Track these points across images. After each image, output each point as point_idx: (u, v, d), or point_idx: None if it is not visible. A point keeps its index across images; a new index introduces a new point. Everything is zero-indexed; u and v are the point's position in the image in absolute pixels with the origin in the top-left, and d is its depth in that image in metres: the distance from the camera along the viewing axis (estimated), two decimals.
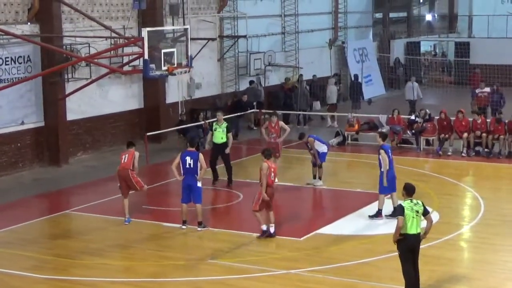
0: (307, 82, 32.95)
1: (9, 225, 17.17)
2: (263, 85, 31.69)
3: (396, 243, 12.15)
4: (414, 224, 12.02)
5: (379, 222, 16.93)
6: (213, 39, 29.06)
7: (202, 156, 16.69)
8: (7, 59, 22.10)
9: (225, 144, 20.45)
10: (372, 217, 17.16)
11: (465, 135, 24.13)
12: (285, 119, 29.11)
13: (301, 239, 15.94)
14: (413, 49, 41.40)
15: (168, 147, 25.84)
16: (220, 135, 20.47)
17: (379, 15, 43.17)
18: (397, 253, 12.25)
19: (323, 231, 16.50)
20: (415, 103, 30.74)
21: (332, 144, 24.93)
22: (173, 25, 27.02)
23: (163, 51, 20.39)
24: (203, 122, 26.03)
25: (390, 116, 26.09)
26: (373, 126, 26.74)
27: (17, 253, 15.32)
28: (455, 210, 18.40)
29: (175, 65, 20.66)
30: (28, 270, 14.24)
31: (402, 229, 12.00)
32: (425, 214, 12.21)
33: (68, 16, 23.83)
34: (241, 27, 30.93)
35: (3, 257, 15.12)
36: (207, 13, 29.75)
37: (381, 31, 42.26)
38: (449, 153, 24.25)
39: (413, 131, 25.47)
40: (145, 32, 19.97)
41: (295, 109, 31.03)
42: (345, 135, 26.70)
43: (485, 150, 23.98)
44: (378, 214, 17.10)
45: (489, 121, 24.45)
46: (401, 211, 12.05)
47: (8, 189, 20.91)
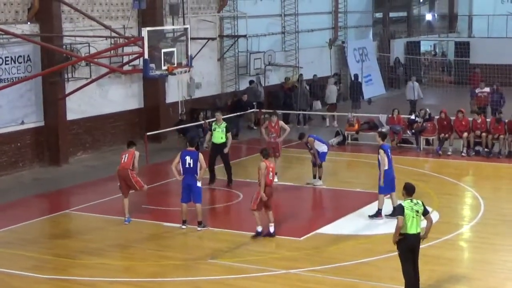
0: (308, 82, 32.96)
1: (9, 225, 17.18)
2: (263, 84, 31.68)
3: (396, 244, 12.16)
4: (414, 224, 12.01)
5: (379, 222, 16.93)
6: (213, 39, 29.05)
7: (202, 156, 16.69)
8: (7, 59, 22.10)
9: (224, 144, 20.44)
10: (372, 217, 17.17)
11: (465, 134, 24.13)
12: (285, 119, 29.10)
13: (301, 239, 15.94)
14: (413, 49, 41.36)
15: (168, 147, 25.83)
16: (219, 135, 20.45)
17: (379, 15, 43.14)
18: (397, 253, 12.25)
19: (323, 231, 16.51)
20: (416, 103, 30.74)
21: (332, 143, 24.93)
22: (173, 24, 27.01)
23: (163, 50, 20.37)
24: (203, 122, 26.04)
25: (390, 116, 26.08)
26: (373, 126, 26.73)
27: (17, 253, 15.32)
28: (455, 210, 18.41)
29: (175, 65, 20.65)
30: (28, 270, 14.24)
31: (402, 229, 11.99)
32: (425, 214, 12.20)
33: (68, 15, 23.82)
34: (241, 26, 30.92)
35: (3, 257, 15.12)
36: (207, 12, 29.74)
37: (381, 31, 42.23)
38: (449, 153, 24.25)
39: (413, 131, 25.47)
40: (145, 31, 19.96)
41: (295, 109, 31.02)
42: (345, 134, 26.71)
43: (485, 150, 23.98)
44: (378, 214, 17.11)
45: (489, 121, 24.46)
46: (401, 211, 12.04)
47: (8, 189, 20.91)
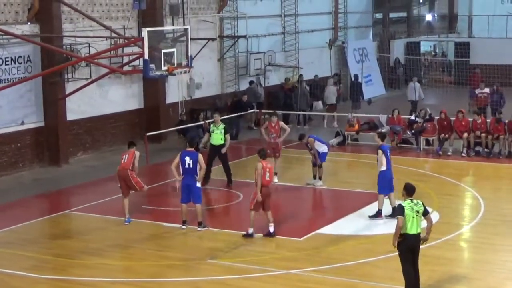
0: (309, 82, 32.94)
1: (9, 225, 17.17)
2: (263, 85, 31.68)
3: (396, 247, 12.14)
4: (414, 224, 12.00)
5: (379, 222, 16.93)
6: (213, 39, 29.04)
7: (201, 156, 16.69)
8: (7, 59, 22.10)
9: (223, 145, 20.43)
10: (372, 217, 17.17)
11: (465, 135, 24.13)
12: (285, 119, 29.10)
13: (301, 239, 15.94)
14: (413, 49, 41.38)
15: (168, 147, 25.82)
16: (218, 137, 20.40)
17: (379, 15, 43.18)
18: (397, 253, 12.25)
19: (323, 231, 16.50)
20: (417, 103, 30.74)
21: (332, 144, 24.93)
22: (173, 25, 27.01)
23: (163, 51, 20.38)
24: (203, 122, 26.04)
25: (390, 116, 26.09)
26: (373, 126, 26.73)
27: (17, 253, 15.32)
28: (455, 210, 18.40)
29: (175, 65, 20.66)
30: (28, 270, 14.23)
31: (402, 229, 11.99)
32: (425, 214, 12.19)
33: (68, 16, 23.82)
34: (241, 27, 30.92)
35: (3, 257, 15.12)
36: (207, 13, 29.74)
37: (381, 31, 42.25)
38: (449, 153, 24.25)
39: (413, 131, 25.47)
40: (145, 32, 19.96)
41: (295, 109, 31.02)
42: (345, 135, 26.70)
43: (485, 150, 23.98)
44: (378, 214, 17.11)
45: (489, 121, 24.46)
46: (401, 211, 12.03)
47: (8, 189, 20.90)
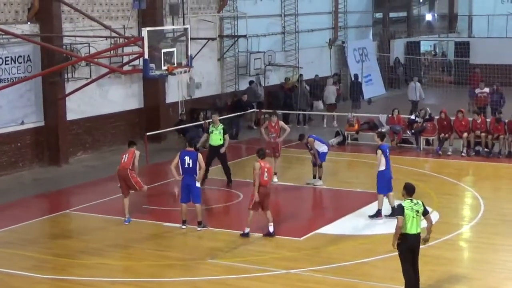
0: (309, 82, 32.91)
1: (9, 225, 17.17)
2: (263, 85, 31.68)
3: (396, 247, 12.13)
4: (414, 224, 12.00)
5: (379, 222, 16.93)
6: (213, 39, 29.04)
7: (201, 156, 16.69)
8: (7, 59, 22.09)
9: (222, 146, 20.40)
10: (372, 217, 17.17)
11: (465, 135, 24.13)
12: (285, 119, 29.10)
13: (301, 239, 15.94)
14: (413, 49, 41.36)
15: (168, 147, 25.82)
16: (217, 137, 20.39)
17: (379, 15, 43.17)
18: (397, 253, 12.25)
19: (323, 231, 16.50)
20: (418, 103, 30.73)
21: (332, 144, 24.92)
22: (173, 25, 27.01)
23: (163, 51, 20.37)
24: (203, 122, 26.03)
25: (390, 116, 26.09)
26: (373, 126, 26.73)
27: (17, 253, 15.32)
28: (455, 210, 18.40)
29: (175, 65, 20.65)
30: (28, 270, 14.23)
31: (402, 229, 11.99)
32: (425, 214, 12.19)
33: (68, 15, 23.82)
34: (241, 27, 30.91)
35: (3, 257, 15.11)
36: (207, 13, 29.74)
37: (381, 31, 42.24)
38: (449, 153, 24.25)
39: (413, 131, 25.47)
40: (145, 32, 19.96)
41: (295, 109, 31.02)
42: (345, 135, 26.71)
43: (485, 150, 23.98)
44: (378, 214, 17.11)
45: (489, 121, 24.46)
46: (401, 211, 12.03)
47: (8, 189, 20.90)
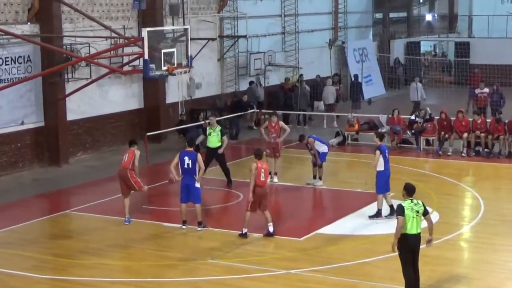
0: (310, 82, 32.89)
1: (9, 225, 17.17)
2: (263, 85, 31.67)
3: (397, 249, 12.12)
4: (414, 224, 12.00)
5: (379, 222, 16.93)
6: (213, 39, 29.04)
7: (200, 156, 16.68)
8: (7, 59, 22.10)
9: (220, 147, 20.38)
10: (372, 217, 17.17)
11: (465, 135, 24.13)
12: (285, 119, 29.10)
13: (301, 239, 15.94)
14: (413, 49, 41.36)
15: (168, 147, 25.82)
16: (215, 139, 20.38)
17: (379, 15, 43.18)
18: (397, 253, 12.25)
19: (323, 231, 16.50)
20: (419, 103, 30.72)
21: (332, 144, 24.91)
22: (173, 25, 27.00)
23: (163, 51, 20.36)
24: (203, 122, 26.02)
25: (390, 116, 26.08)
26: (373, 126, 26.71)
27: (17, 253, 15.32)
28: (455, 210, 18.40)
29: (175, 65, 20.64)
30: (28, 270, 14.23)
31: (402, 229, 11.98)
32: (425, 214, 12.18)
33: (68, 16, 23.82)
34: (241, 27, 30.92)
35: (3, 257, 15.11)
36: (207, 13, 29.74)
37: (381, 31, 42.25)
38: (449, 153, 24.24)
39: (413, 131, 25.46)
40: (145, 32, 19.95)
41: (295, 109, 31.01)
42: (345, 135, 26.71)
43: (485, 150, 23.98)
44: (377, 214, 17.11)
45: (489, 121, 24.45)
46: (401, 211, 12.02)
47: (8, 189, 20.90)
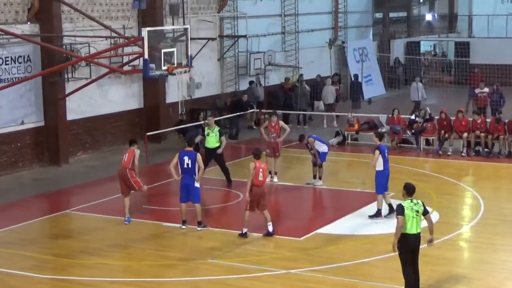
0: (311, 82, 32.88)
1: (9, 225, 17.17)
2: (263, 85, 31.67)
3: (397, 250, 12.12)
4: (414, 224, 12.00)
5: (378, 222, 16.93)
6: (213, 39, 29.04)
7: (200, 156, 16.68)
8: (7, 59, 22.10)
9: (218, 148, 20.38)
10: (372, 217, 17.17)
11: (465, 135, 24.13)
12: (285, 119, 29.09)
13: (301, 239, 15.94)
14: (413, 49, 41.35)
15: (168, 147, 25.81)
16: (213, 140, 20.37)
17: (379, 15, 43.17)
18: (397, 253, 12.25)
19: (323, 230, 16.50)
20: (420, 103, 30.72)
21: (332, 144, 24.91)
22: (173, 25, 26.99)
23: (163, 51, 20.37)
24: (203, 122, 26.02)
25: (390, 116, 26.08)
26: (373, 126, 26.71)
27: (17, 253, 15.32)
28: (455, 210, 18.40)
29: (175, 65, 20.64)
30: (28, 270, 14.23)
31: (402, 229, 11.98)
32: (425, 214, 12.18)
33: (68, 16, 23.82)
34: (241, 27, 30.92)
35: (3, 257, 15.12)
36: (207, 13, 29.74)
37: (381, 31, 42.24)
38: (449, 153, 24.25)
39: (413, 131, 25.46)
40: (145, 32, 19.96)
41: (295, 109, 31.01)
42: (345, 135, 26.70)
43: (485, 150, 23.98)
44: (377, 214, 17.11)
45: (489, 121, 24.45)
46: (401, 211, 12.02)
47: (8, 189, 20.90)
